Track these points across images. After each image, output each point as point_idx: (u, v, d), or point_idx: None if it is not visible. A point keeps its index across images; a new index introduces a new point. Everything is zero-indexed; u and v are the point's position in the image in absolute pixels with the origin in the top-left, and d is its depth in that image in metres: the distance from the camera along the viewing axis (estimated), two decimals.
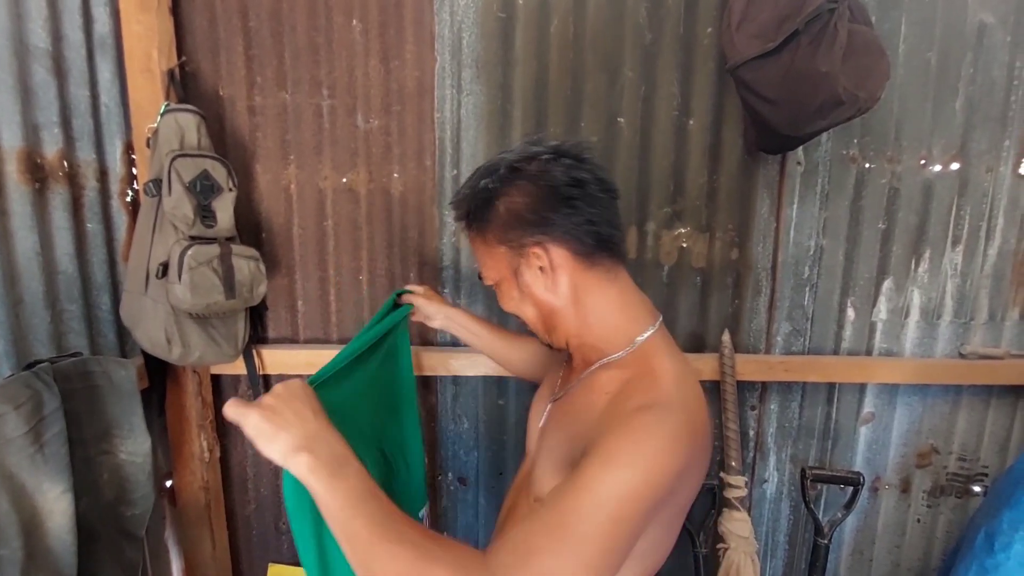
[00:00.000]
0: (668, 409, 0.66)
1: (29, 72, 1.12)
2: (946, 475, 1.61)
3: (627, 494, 0.60)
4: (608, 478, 0.60)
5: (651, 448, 0.62)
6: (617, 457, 0.61)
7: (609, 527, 0.58)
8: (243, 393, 1.52)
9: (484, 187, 0.78)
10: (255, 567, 1.63)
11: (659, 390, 0.69)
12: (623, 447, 0.62)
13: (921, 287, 1.49)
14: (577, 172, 0.75)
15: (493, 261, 0.81)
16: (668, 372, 0.72)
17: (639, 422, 0.64)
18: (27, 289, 1.12)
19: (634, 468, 0.61)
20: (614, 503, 0.59)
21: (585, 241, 0.76)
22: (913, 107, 1.41)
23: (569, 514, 0.58)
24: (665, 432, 0.64)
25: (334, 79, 1.38)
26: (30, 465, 0.93)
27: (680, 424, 0.66)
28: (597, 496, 0.59)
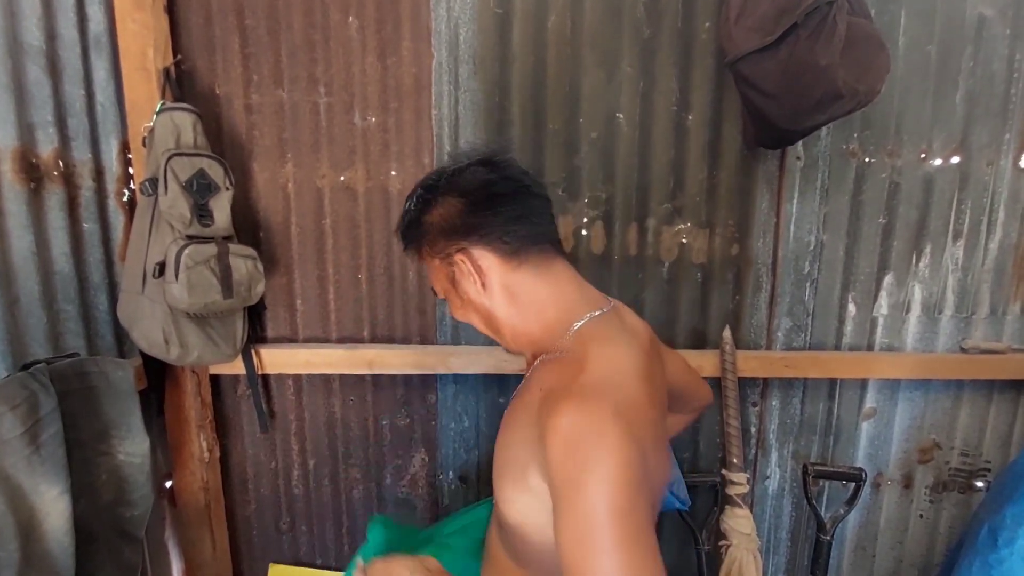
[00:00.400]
0: (586, 401, 0.65)
1: (23, 70, 1.11)
2: (948, 470, 1.60)
3: (615, 513, 0.59)
4: (592, 514, 0.60)
5: (598, 456, 0.61)
6: (577, 484, 0.61)
7: (625, 551, 0.59)
8: (242, 393, 1.51)
9: (407, 210, 0.84)
10: (256, 567, 1.62)
11: (577, 381, 0.68)
12: (578, 474, 0.61)
13: (922, 282, 1.48)
14: (487, 175, 0.79)
15: (434, 274, 0.85)
16: (596, 358, 0.71)
17: (569, 436, 0.63)
18: (23, 289, 1.12)
19: (598, 482, 0.60)
20: (614, 532, 0.59)
21: (507, 240, 0.77)
22: (913, 101, 1.40)
23: (600, 565, 0.59)
24: (596, 429, 0.63)
25: (331, 76, 1.38)
26: (27, 466, 0.93)
27: (604, 411, 0.64)
28: (598, 541, 0.59)
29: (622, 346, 0.76)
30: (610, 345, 0.74)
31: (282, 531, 1.61)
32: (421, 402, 1.54)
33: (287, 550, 1.62)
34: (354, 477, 1.58)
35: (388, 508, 1.60)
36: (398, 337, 1.50)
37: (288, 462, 1.57)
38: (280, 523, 1.60)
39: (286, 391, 1.52)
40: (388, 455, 1.57)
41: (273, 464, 1.57)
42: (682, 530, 1.59)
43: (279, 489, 1.58)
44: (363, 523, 1.60)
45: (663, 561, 0.60)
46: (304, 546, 1.62)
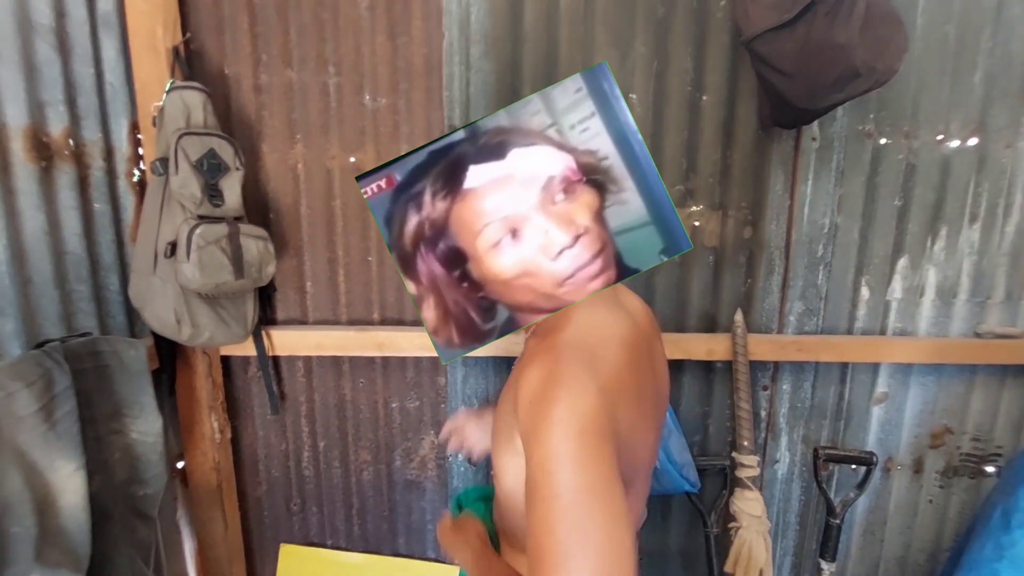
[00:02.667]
0: (555, 353, 0.65)
1: (33, 48, 1.10)
2: (959, 455, 1.59)
3: (566, 457, 0.58)
4: (544, 460, 0.59)
5: (561, 401, 0.60)
6: (542, 433, 0.60)
7: (582, 497, 0.57)
8: (252, 375, 1.52)
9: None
10: (267, 548, 1.64)
11: (553, 339, 0.68)
12: (541, 419, 0.61)
13: (937, 265, 1.47)
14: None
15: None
16: (575, 321, 0.71)
17: (536, 385, 0.63)
18: (35, 269, 1.12)
19: (558, 432, 0.59)
20: (572, 478, 0.57)
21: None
22: (931, 81, 1.38)
23: (548, 519, 0.57)
24: (561, 377, 0.62)
25: (340, 56, 1.36)
26: (42, 443, 0.93)
27: (571, 361, 0.64)
28: (555, 485, 0.57)
29: (608, 313, 0.75)
30: (595, 312, 0.74)
31: (293, 512, 1.62)
32: (431, 385, 1.55)
33: (298, 531, 1.63)
34: (364, 459, 1.59)
35: (397, 490, 1.61)
36: (408, 320, 1.49)
37: (299, 444, 1.57)
38: (291, 504, 1.61)
39: (296, 373, 1.53)
40: (398, 437, 1.58)
41: (284, 446, 1.57)
42: (690, 513, 1.60)
43: (290, 470, 1.59)
44: (373, 504, 1.62)
45: (631, 527, 0.58)
46: (315, 527, 1.63)
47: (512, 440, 0.69)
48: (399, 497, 1.61)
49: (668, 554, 1.64)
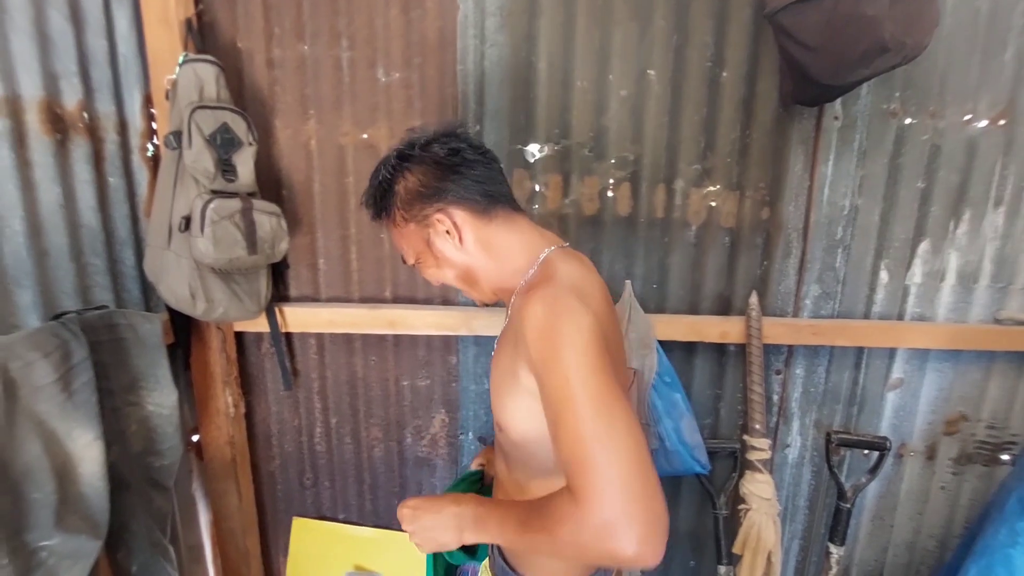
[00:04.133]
0: (550, 289, 0.76)
1: (46, 18, 1.09)
2: (974, 443, 1.58)
3: (579, 361, 0.68)
4: (568, 370, 0.67)
5: (566, 322, 0.70)
6: (556, 351, 0.69)
7: (601, 399, 0.66)
8: (265, 351, 1.53)
9: (382, 179, 0.90)
10: (280, 520, 1.67)
11: (543, 282, 0.79)
12: (552, 341, 0.70)
13: (959, 249, 1.44)
14: (453, 144, 0.88)
15: (407, 240, 0.92)
16: (558, 271, 0.83)
17: (535, 311, 0.73)
18: (52, 242, 1.13)
19: (568, 343, 0.69)
20: (589, 383, 0.67)
21: (477, 199, 0.87)
22: (959, 59, 1.33)
23: (579, 419, 0.65)
24: (554, 302, 0.73)
25: (354, 30, 1.34)
26: (60, 412, 0.94)
27: (566, 293, 0.74)
28: (577, 390, 0.66)
29: (581, 267, 0.87)
30: (574, 265, 0.86)
31: (305, 486, 1.64)
32: (442, 363, 1.55)
33: (310, 505, 1.65)
34: (375, 436, 1.60)
35: (408, 467, 1.62)
36: (420, 298, 1.49)
37: (311, 419, 1.59)
38: (303, 478, 1.63)
39: (309, 350, 1.53)
40: (408, 415, 1.59)
41: (296, 421, 1.59)
42: (699, 494, 1.60)
43: (302, 446, 1.61)
44: (384, 480, 1.63)
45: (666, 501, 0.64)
46: (327, 501, 1.65)
47: (517, 379, 0.79)
48: (410, 474, 1.63)
49: (677, 535, 1.65)
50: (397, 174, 0.89)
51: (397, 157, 0.90)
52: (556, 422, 0.67)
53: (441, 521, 0.80)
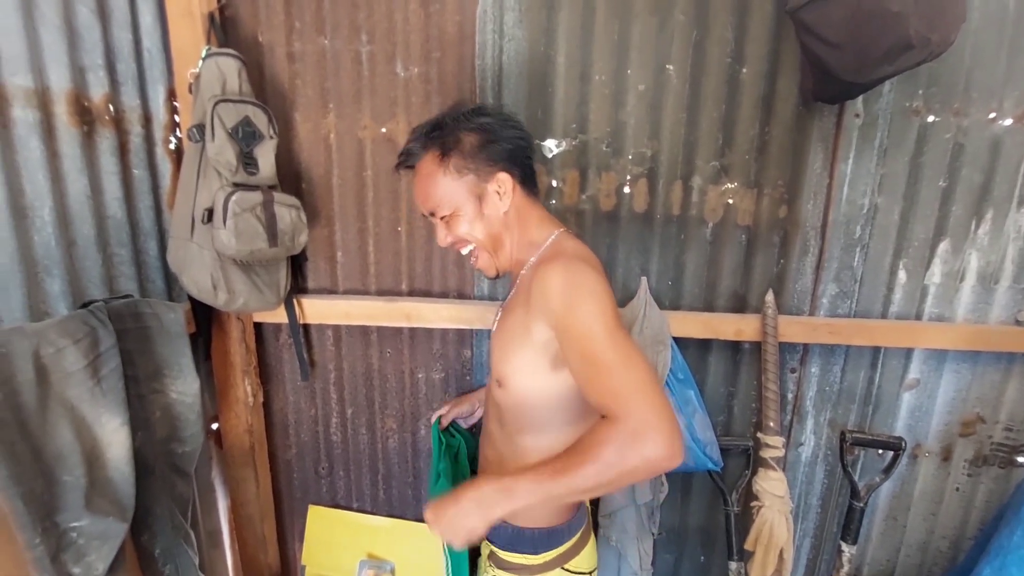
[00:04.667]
0: (564, 257, 0.88)
1: (74, 12, 1.11)
2: (990, 445, 1.56)
3: (600, 312, 0.82)
4: (590, 320, 0.81)
5: (576, 279, 0.84)
6: (577, 306, 0.82)
7: (622, 338, 0.81)
8: (284, 341, 1.55)
9: (447, 122, 0.97)
10: (296, 508, 1.70)
11: (559, 254, 0.91)
12: (572, 298, 0.83)
13: (980, 249, 1.42)
14: (516, 122, 1.01)
15: (451, 190, 0.96)
16: (568, 247, 0.95)
17: (555, 272, 0.85)
18: (79, 232, 1.15)
19: (591, 299, 0.82)
20: (604, 325, 0.81)
21: (528, 174, 1.00)
22: (986, 56, 1.31)
23: (601, 357, 0.80)
24: (574, 267, 0.86)
25: (373, 24, 1.35)
26: (90, 397, 0.97)
27: (579, 261, 0.87)
28: (601, 334, 0.80)
29: (587, 249, 0.98)
30: (580, 244, 0.98)
31: (321, 475, 1.67)
32: (456, 357, 1.56)
33: (325, 493, 1.68)
34: (390, 427, 1.63)
35: (422, 458, 1.64)
36: (436, 291, 1.51)
37: (327, 410, 1.61)
38: (319, 467, 1.66)
39: (326, 341, 1.56)
40: (423, 407, 1.61)
41: (313, 411, 1.62)
42: (711, 491, 1.61)
43: (318, 435, 1.64)
44: (398, 471, 1.66)
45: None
46: (341, 490, 1.68)
47: (529, 335, 0.89)
48: (423, 465, 1.65)
49: (687, 530, 1.66)
50: (469, 124, 0.96)
51: (472, 111, 0.97)
52: (586, 361, 0.81)
53: (463, 509, 0.83)
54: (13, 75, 1.01)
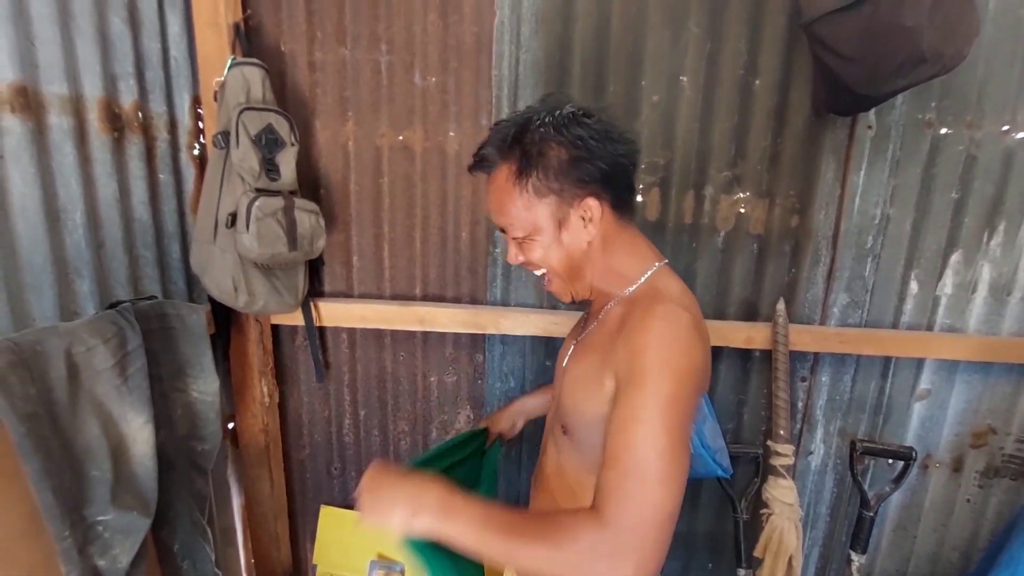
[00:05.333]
0: (671, 307, 0.75)
1: (107, 22, 1.15)
2: (1002, 456, 1.56)
3: (670, 401, 0.68)
4: (650, 398, 0.68)
5: (671, 350, 0.70)
6: (648, 374, 0.69)
7: (668, 438, 0.67)
8: (300, 343, 1.58)
9: (531, 133, 0.79)
10: (308, 508, 1.72)
11: (661, 300, 0.77)
12: (650, 362, 0.69)
13: (992, 261, 1.42)
14: (624, 135, 0.83)
15: (532, 211, 0.81)
16: (671, 289, 0.82)
17: (653, 328, 0.72)
18: (108, 234, 1.19)
19: (666, 376, 0.68)
20: (665, 418, 0.67)
21: (625, 199, 0.85)
22: (1000, 68, 1.32)
23: (636, 450, 0.66)
24: (676, 329, 0.72)
25: (392, 34, 1.38)
26: (117, 396, 1.00)
27: (687, 319, 0.74)
28: (649, 420, 0.67)
29: (685, 288, 0.87)
30: (679, 284, 0.86)
31: (333, 476, 1.69)
32: (469, 361, 1.59)
33: (337, 494, 1.71)
34: (402, 429, 1.65)
35: None
36: (449, 296, 1.53)
37: (341, 411, 1.64)
38: (331, 468, 1.69)
39: (341, 344, 1.58)
40: (435, 410, 1.63)
41: (327, 413, 1.64)
42: (720, 498, 1.61)
43: (331, 436, 1.66)
44: None
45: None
46: (353, 491, 1.70)
47: (602, 388, 0.76)
48: None
49: (696, 537, 1.66)
50: (560, 136, 0.78)
51: (569, 117, 0.79)
52: (618, 439, 0.68)
53: (395, 494, 0.70)
54: (50, 84, 1.05)
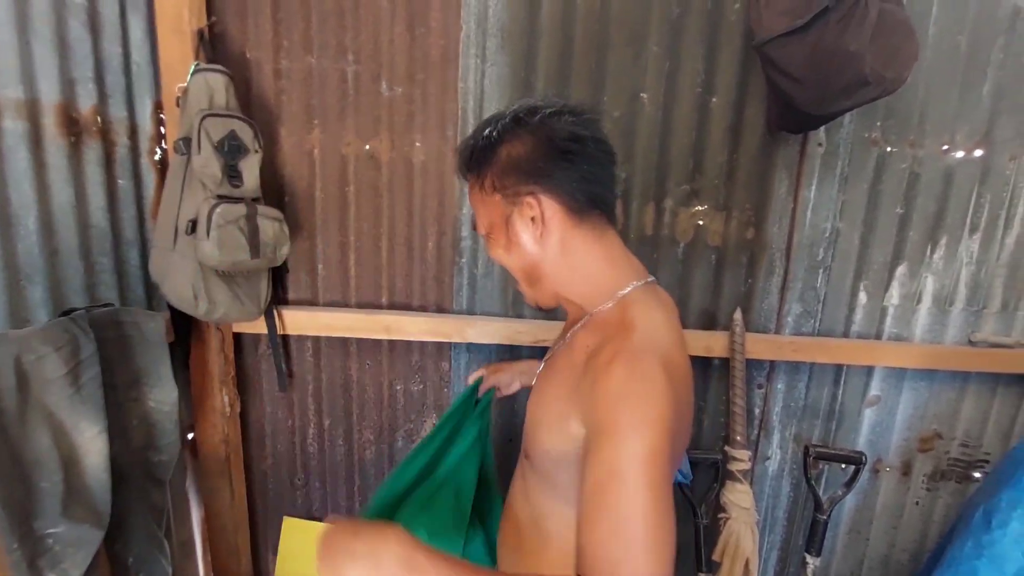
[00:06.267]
0: (638, 354, 0.69)
1: (66, 26, 1.14)
2: (947, 460, 1.63)
3: (648, 457, 0.63)
4: (626, 454, 0.63)
5: (644, 402, 0.65)
6: (622, 429, 0.65)
7: (651, 494, 0.62)
8: (263, 352, 1.56)
9: (487, 135, 0.80)
10: (270, 519, 1.70)
11: (629, 339, 0.71)
12: (621, 416, 0.65)
13: (935, 273, 1.50)
14: (577, 129, 0.77)
15: (487, 209, 0.83)
16: (643, 321, 0.74)
17: (620, 376, 0.67)
18: (63, 240, 1.17)
19: (641, 431, 0.64)
20: (644, 474, 0.62)
21: (577, 197, 0.78)
22: (939, 91, 1.40)
23: (619, 509, 0.62)
24: (644, 375, 0.67)
25: (359, 44, 1.39)
26: (68, 405, 0.98)
27: (654, 365, 0.68)
28: (629, 478, 0.63)
29: (663, 315, 0.79)
30: (655, 312, 0.78)
31: (296, 486, 1.67)
32: (435, 369, 1.59)
33: (300, 504, 1.69)
34: (367, 438, 1.64)
35: None
36: (415, 305, 1.54)
37: (304, 421, 1.63)
38: (295, 479, 1.67)
39: (305, 352, 1.57)
40: (401, 419, 1.63)
41: (290, 422, 1.63)
42: (681, 504, 1.64)
43: (295, 446, 1.65)
44: (375, 483, 1.67)
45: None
46: (317, 502, 1.69)
47: (565, 425, 0.73)
48: None
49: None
50: (506, 136, 0.79)
51: (512, 119, 0.79)
52: (598, 499, 0.63)
53: (357, 550, 0.60)
54: (4, 87, 1.03)
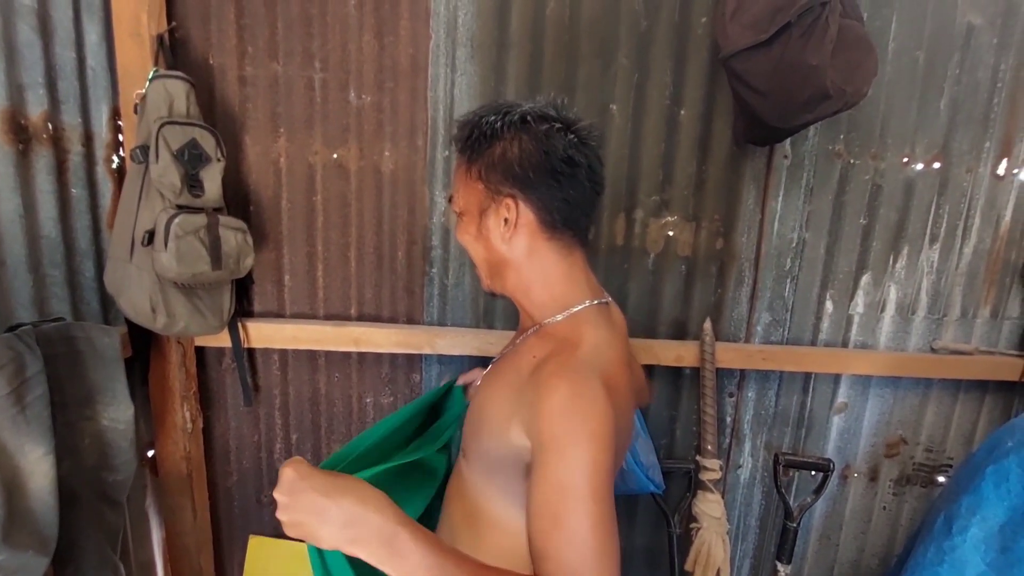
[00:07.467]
0: (581, 371, 0.73)
1: (14, 30, 1.09)
2: (913, 465, 1.66)
3: (592, 470, 0.67)
4: (572, 468, 0.67)
5: (586, 419, 0.69)
6: (566, 445, 0.68)
7: (596, 506, 0.66)
8: (227, 366, 1.52)
9: (491, 123, 0.81)
10: (235, 538, 1.64)
11: (574, 355, 0.75)
12: (566, 432, 0.68)
13: (898, 282, 1.53)
14: (575, 154, 0.79)
15: (467, 191, 0.85)
16: (590, 338, 0.79)
17: (562, 391, 0.70)
18: (9, 252, 1.11)
19: (585, 446, 0.67)
20: (589, 486, 0.66)
21: (554, 215, 0.80)
22: (899, 105, 1.44)
23: (570, 520, 0.65)
24: (586, 397, 0.70)
25: (327, 52, 1.37)
26: (12, 426, 0.93)
27: (595, 383, 0.71)
28: (577, 491, 0.66)
29: (610, 334, 0.83)
30: (602, 331, 0.82)
31: (263, 504, 1.62)
32: (405, 381, 1.57)
33: (267, 522, 1.64)
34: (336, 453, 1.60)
35: None
36: (385, 316, 1.51)
37: (271, 436, 1.58)
38: (261, 495, 1.62)
39: (271, 366, 1.53)
40: None
41: (256, 437, 1.58)
42: (655, 513, 1.64)
43: (261, 462, 1.60)
44: None
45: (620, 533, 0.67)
46: None
47: (507, 433, 0.75)
48: None
49: (633, 552, 1.69)
50: (508, 134, 0.80)
51: (520, 118, 0.80)
52: (547, 511, 0.66)
53: (332, 515, 0.60)
54: None
